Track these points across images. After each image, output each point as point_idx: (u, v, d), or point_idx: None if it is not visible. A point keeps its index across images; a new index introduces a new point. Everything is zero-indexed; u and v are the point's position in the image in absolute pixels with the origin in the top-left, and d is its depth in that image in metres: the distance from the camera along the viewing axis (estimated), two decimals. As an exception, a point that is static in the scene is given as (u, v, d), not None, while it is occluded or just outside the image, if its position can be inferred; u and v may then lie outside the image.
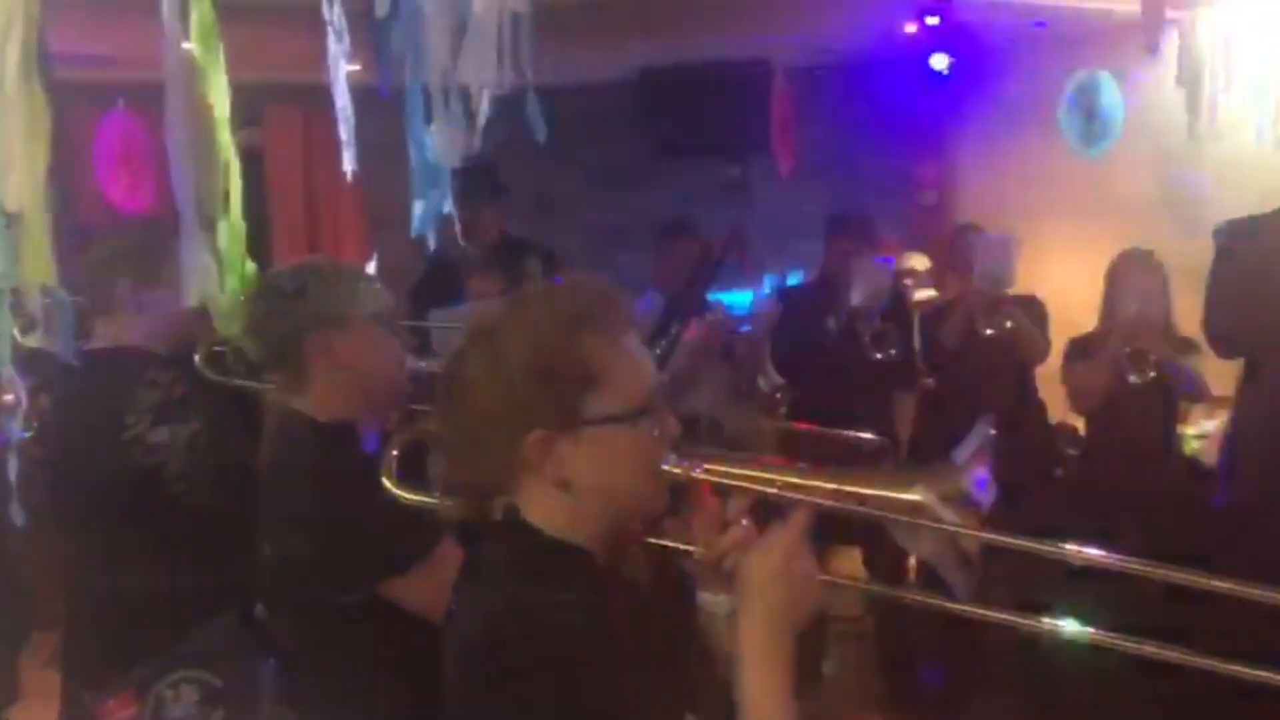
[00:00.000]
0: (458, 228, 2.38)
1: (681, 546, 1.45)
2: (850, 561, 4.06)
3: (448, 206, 2.28)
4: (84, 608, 2.69)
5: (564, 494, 1.35)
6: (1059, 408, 4.33)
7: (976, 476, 1.37)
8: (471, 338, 1.40)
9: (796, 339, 4.36)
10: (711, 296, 4.37)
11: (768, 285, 5.94)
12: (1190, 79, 3.68)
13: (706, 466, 1.43)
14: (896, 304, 4.61)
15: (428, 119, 2.21)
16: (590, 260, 5.73)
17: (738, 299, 5.58)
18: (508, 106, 2.96)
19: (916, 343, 4.53)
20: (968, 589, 1.40)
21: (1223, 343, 3.56)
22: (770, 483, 1.42)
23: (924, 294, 5.50)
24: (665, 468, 1.39)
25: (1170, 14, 3.78)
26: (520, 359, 1.34)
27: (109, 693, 2.27)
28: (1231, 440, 3.56)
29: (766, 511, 1.42)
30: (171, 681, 2.24)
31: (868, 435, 2.91)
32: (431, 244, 2.35)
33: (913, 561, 3.93)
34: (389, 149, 2.53)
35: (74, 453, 2.62)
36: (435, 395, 1.43)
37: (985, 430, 1.44)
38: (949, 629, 4.39)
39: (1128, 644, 1.29)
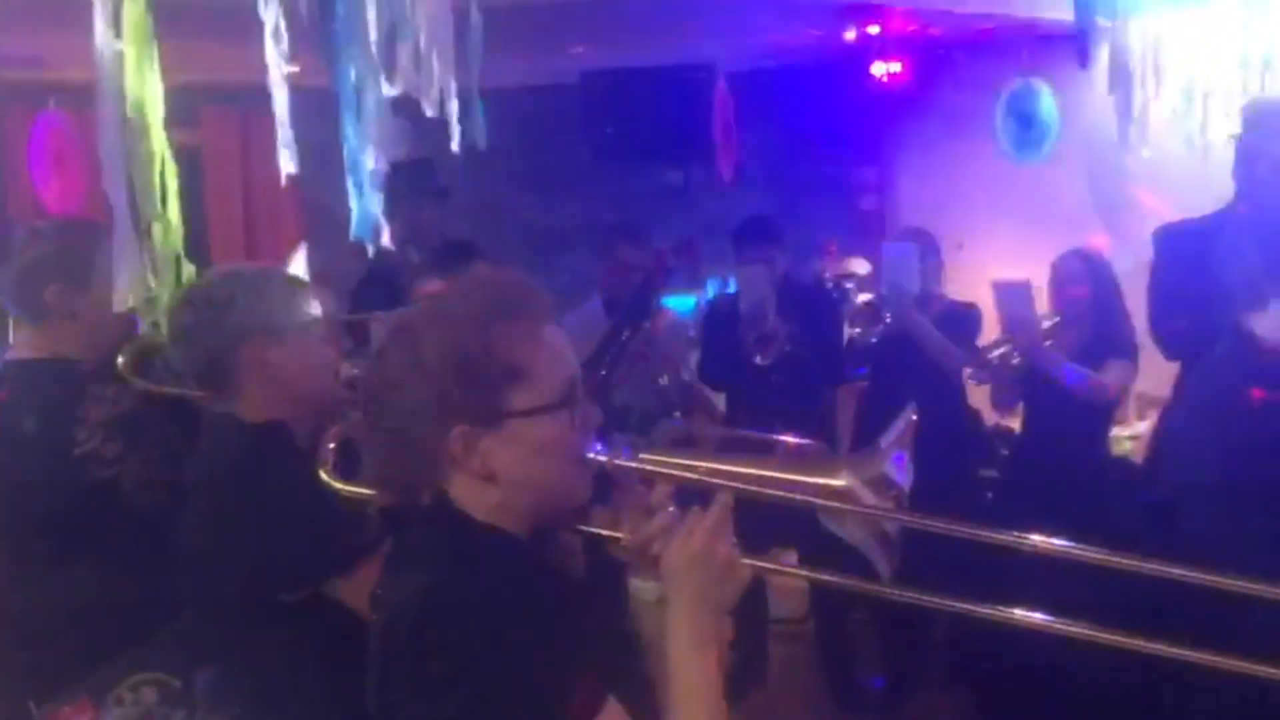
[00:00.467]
0: (387, 231, 2.35)
1: (609, 533, 1.46)
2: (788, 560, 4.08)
3: (384, 208, 2.26)
4: (21, 619, 2.62)
5: (490, 486, 1.37)
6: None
7: (896, 459, 1.40)
8: (393, 336, 1.41)
9: (720, 348, 4.38)
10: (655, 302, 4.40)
11: (711, 290, 5.99)
12: (1121, 87, 3.75)
13: (638, 455, 1.45)
14: (827, 305, 4.64)
15: (362, 120, 2.19)
16: (531, 263, 5.71)
17: (681, 303, 5.62)
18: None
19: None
20: (890, 570, 1.43)
21: (1163, 344, 3.63)
22: (695, 469, 1.44)
23: (865, 296, 5.55)
24: (590, 456, 1.42)
25: (1102, 23, 3.86)
26: (440, 355, 1.35)
27: (62, 700, 2.22)
28: (1155, 440, 3.62)
29: (693, 497, 1.44)
30: (131, 684, 2.21)
31: (804, 440, 2.90)
32: (370, 247, 2.33)
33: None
34: (329, 150, 2.51)
35: (16, 467, 2.54)
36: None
37: (909, 415, 1.47)
38: (888, 630, 4.44)
39: (1064, 628, 1.31)
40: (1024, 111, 5.40)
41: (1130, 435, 4.53)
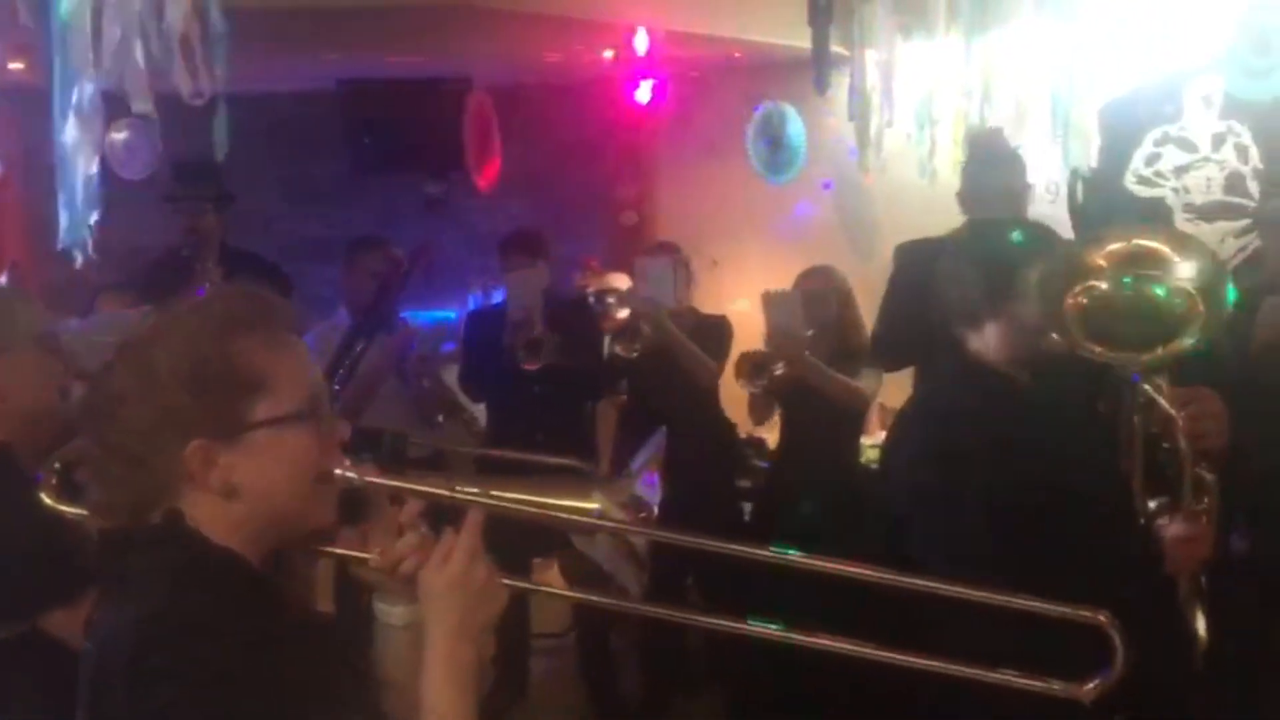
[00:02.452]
0: (91, 241, 2.22)
1: (355, 554, 1.42)
2: (549, 573, 4.10)
3: (94, 216, 2.13)
4: None
5: (229, 502, 1.32)
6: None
7: (647, 480, 1.43)
8: (121, 352, 1.35)
9: (480, 359, 4.36)
10: (401, 314, 4.32)
11: (472, 304, 5.95)
12: (859, 114, 3.95)
13: (381, 472, 1.41)
14: (587, 319, 4.69)
15: (78, 121, 2.05)
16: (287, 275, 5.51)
17: (441, 317, 5.55)
18: (193, 113, 2.80)
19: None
20: (640, 588, 1.45)
21: (884, 356, 3.82)
22: (447, 489, 1.41)
23: (624, 312, 5.63)
24: (336, 472, 1.37)
25: (840, 51, 4.07)
26: (174, 368, 1.30)
27: None
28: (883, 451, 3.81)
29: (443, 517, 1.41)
30: None
31: (566, 461, 2.90)
32: (79, 256, 2.19)
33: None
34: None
35: None
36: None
37: (659, 439, 1.51)
38: (647, 638, 4.51)
39: (808, 639, 1.37)
40: (773, 134, 5.62)
41: (873, 444, 4.76)
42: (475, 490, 1.39)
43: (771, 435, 4.60)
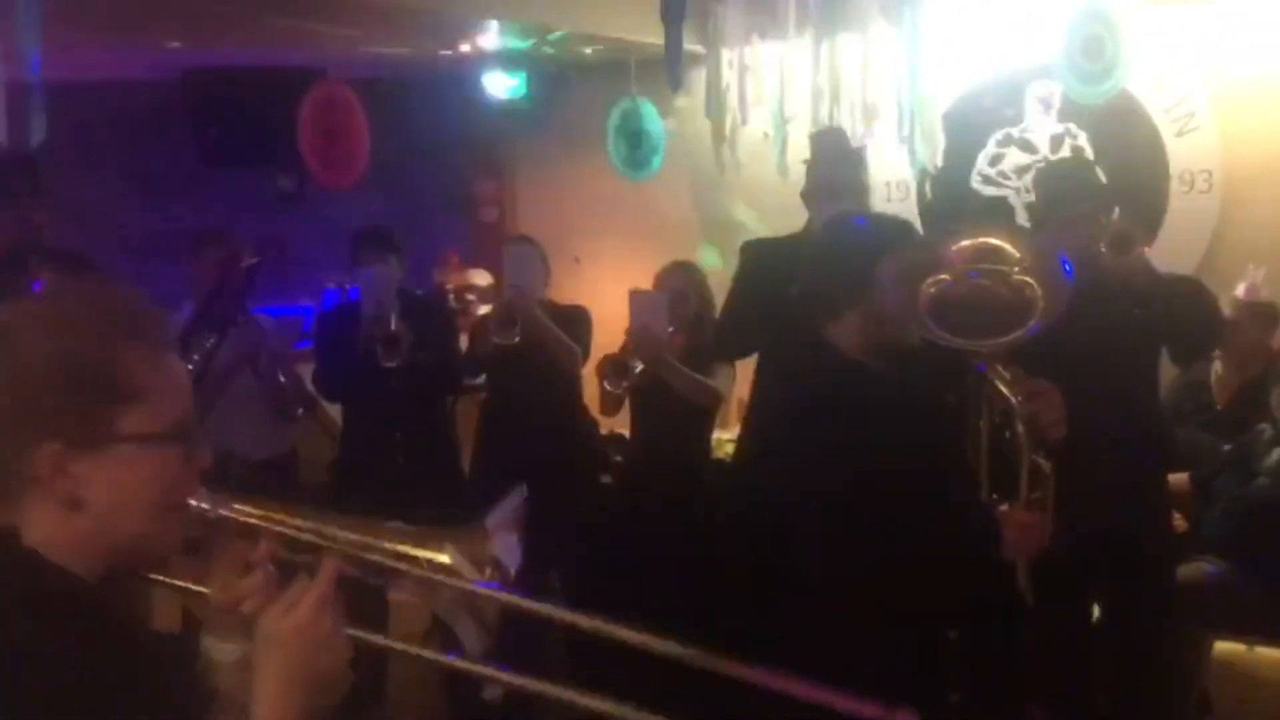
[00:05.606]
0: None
1: (193, 587, 1.35)
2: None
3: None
4: None
5: (73, 515, 1.23)
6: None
7: (506, 543, 1.38)
8: None
9: (335, 354, 4.27)
10: (254, 310, 4.21)
11: (327, 300, 5.82)
12: (715, 112, 3.99)
13: (236, 505, 1.33)
14: (441, 313, 4.63)
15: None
16: (128, 272, 5.30)
17: (296, 313, 5.41)
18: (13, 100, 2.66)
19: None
20: (480, 650, 1.40)
21: (724, 348, 3.86)
22: (301, 529, 1.35)
23: (486, 309, 5.58)
24: (191, 503, 1.30)
25: (697, 49, 4.11)
26: (43, 360, 1.20)
27: None
28: (739, 443, 3.87)
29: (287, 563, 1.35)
30: None
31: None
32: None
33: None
34: None
35: None
36: None
37: (518, 498, 1.46)
38: (506, 640, 4.46)
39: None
40: (633, 130, 5.65)
41: (730, 439, 4.81)
42: (340, 536, 1.33)
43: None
